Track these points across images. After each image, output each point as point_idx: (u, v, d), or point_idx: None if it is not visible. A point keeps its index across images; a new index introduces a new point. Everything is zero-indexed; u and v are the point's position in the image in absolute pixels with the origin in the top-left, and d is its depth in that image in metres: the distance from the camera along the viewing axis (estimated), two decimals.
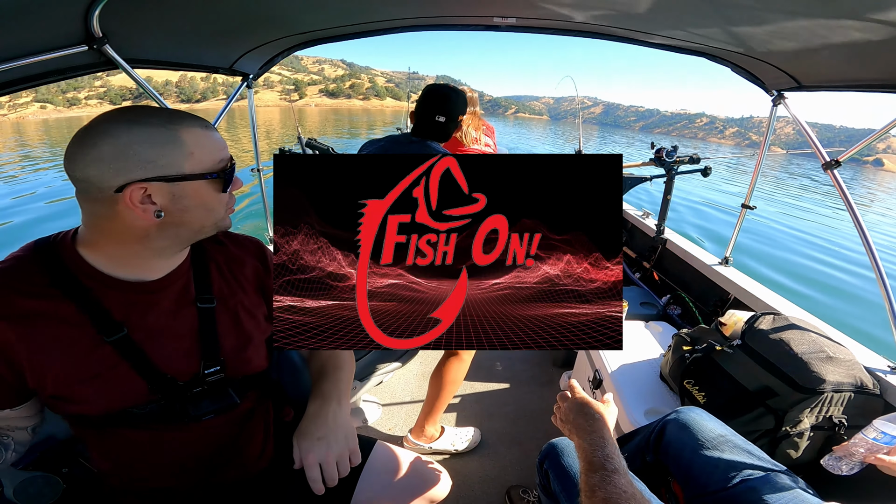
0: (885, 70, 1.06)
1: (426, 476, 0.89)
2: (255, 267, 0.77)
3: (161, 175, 0.56)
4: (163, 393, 0.64)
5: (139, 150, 0.55)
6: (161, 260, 0.64)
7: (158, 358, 0.64)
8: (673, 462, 0.90)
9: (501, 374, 2.01)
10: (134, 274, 0.62)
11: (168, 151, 0.56)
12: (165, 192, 0.57)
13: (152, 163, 0.55)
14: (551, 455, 0.89)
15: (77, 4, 0.79)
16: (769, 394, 1.06)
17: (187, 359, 0.66)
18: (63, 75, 0.95)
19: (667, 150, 2.32)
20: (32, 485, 0.70)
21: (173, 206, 0.58)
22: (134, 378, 0.62)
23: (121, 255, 0.61)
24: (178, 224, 0.60)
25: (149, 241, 0.60)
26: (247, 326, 0.73)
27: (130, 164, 0.54)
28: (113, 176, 0.54)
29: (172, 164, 0.57)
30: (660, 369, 1.42)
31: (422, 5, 1.33)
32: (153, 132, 0.56)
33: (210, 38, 1.25)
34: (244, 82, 1.74)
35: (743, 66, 1.50)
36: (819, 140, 1.45)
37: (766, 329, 1.17)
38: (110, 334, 0.60)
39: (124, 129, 0.55)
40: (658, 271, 2.42)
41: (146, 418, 0.64)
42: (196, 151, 0.59)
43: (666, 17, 1.18)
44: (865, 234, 1.29)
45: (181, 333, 0.66)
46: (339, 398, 0.77)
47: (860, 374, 1.04)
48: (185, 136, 0.58)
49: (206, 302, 0.69)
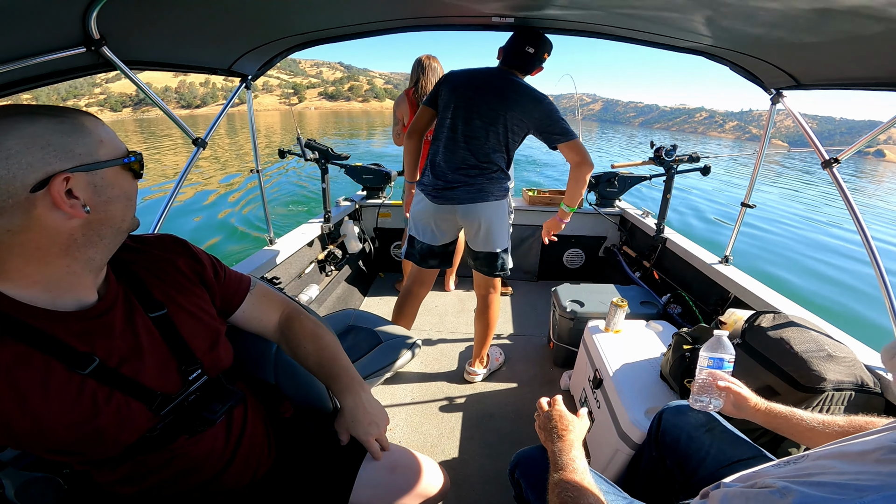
0: (884, 68, 1.06)
1: (423, 472, 0.90)
2: (185, 262, 0.73)
3: (81, 164, 0.51)
4: (164, 410, 0.63)
5: (51, 138, 0.49)
6: (90, 275, 0.58)
7: (143, 377, 0.61)
8: (669, 450, 0.91)
9: (501, 374, 2.01)
10: (73, 297, 0.57)
11: (80, 139, 0.52)
12: (86, 184, 0.52)
13: (69, 151, 0.50)
14: (521, 464, 0.88)
15: (75, 6, 0.80)
16: (770, 392, 1.06)
17: (167, 370, 0.65)
18: (61, 77, 0.95)
19: (666, 149, 2.32)
20: (34, 486, 0.70)
21: (97, 198, 0.53)
22: (133, 404, 0.60)
23: (48, 278, 0.54)
24: (101, 221, 0.54)
25: (76, 251, 0.54)
26: (207, 321, 0.71)
27: (48, 155, 0.48)
28: (27, 171, 0.47)
29: (88, 152, 0.52)
30: (660, 368, 1.42)
31: (420, 5, 1.33)
32: (58, 121, 0.51)
33: (208, 40, 1.25)
34: (243, 83, 1.74)
35: (742, 64, 1.50)
36: (819, 132, 1.48)
37: (767, 327, 1.16)
38: (86, 367, 0.55)
39: (26, 121, 0.48)
40: (658, 270, 2.42)
41: (162, 439, 0.64)
42: (104, 138, 0.55)
43: (665, 16, 1.18)
44: (865, 232, 1.29)
45: (148, 347, 0.63)
46: (361, 384, 0.84)
47: (861, 372, 1.04)
48: (88, 123, 0.54)
49: (157, 309, 0.65)
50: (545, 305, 2.60)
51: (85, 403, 0.56)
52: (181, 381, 0.66)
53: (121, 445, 0.60)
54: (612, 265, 2.87)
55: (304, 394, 0.93)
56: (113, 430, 0.58)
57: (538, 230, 2.92)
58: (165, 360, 0.65)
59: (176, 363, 0.66)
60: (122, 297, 0.63)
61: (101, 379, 0.57)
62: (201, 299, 0.72)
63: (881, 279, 1.23)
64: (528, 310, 2.63)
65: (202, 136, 1.55)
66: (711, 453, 0.86)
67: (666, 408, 0.97)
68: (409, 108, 2.25)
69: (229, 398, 0.71)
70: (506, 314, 2.57)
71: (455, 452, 1.54)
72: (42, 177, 0.48)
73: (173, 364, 0.65)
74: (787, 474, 0.50)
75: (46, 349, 0.53)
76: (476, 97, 1.49)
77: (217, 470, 0.72)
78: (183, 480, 0.69)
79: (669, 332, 1.66)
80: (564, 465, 0.71)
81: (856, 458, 0.47)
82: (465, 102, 1.50)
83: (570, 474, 0.69)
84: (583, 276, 3.05)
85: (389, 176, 2.79)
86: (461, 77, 1.54)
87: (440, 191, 1.56)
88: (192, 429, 0.67)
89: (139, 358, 0.62)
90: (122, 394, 0.59)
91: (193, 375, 0.67)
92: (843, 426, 0.74)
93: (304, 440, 0.88)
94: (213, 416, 0.67)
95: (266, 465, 0.81)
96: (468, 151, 1.52)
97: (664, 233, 2.40)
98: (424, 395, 1.85)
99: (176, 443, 0.66)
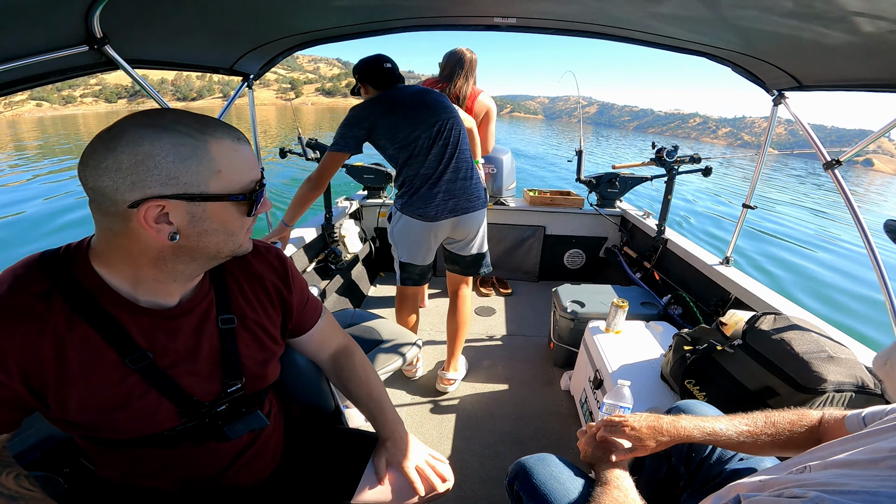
0: (886, 69, 1.06)
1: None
2: (274, 284, 0.74)
3: (182, 193, 0.50)
4: (191, 415, 0.64)
5: (162, 162, 0.49)
6: (176, 284, 0.60)
7: (185, 382, 0.62)
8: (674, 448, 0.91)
9: (501, 375, 2.01)
10: (154, 299, 0.59)
11: (193, 166, 0.51)
12: (184, 212, 0.51)
13: (174, 178, 0.50)
14: (521, 475, 0.83)
15: (78, 5, 0.80)
16: (770, 393, 1.06)
17: (211, 379, 0.65)
18: (64, 75, 0.95)
19: (667, 150, 2.32)
20: None
21: (191, 228, 0.53)
22: (164, 404, 0.60)
23: (137, 277, 0.56)
24: (193, 248, 0.55)
25: (164, 265, 0.55)
26: (266, 344, 0.72)
27: (150, 178, 0.49)
28: (129, 189, 0.48)
29: (197, 182, 0.51)
30: (661, 369, 1.42)
31: (422, 5, 1.33)
32: (180, 142, 0.50)
33: (211, 39, 1.25)
34: (244, 82, 1.74)
35: (743, 65, 1.50)
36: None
37: (767, 329, 1.16)
38: (137, 363, 0.57)
39: (149, 135, 0.49)
40: (659, 271, 2.42)
41: (176, 439, 0.64)
42: (225, 169, 0.53)
43: (666, 17, 1.18)
44: (866, 233, 1.29)
45: (205, 355, 0.64)
46: (401, 422, 0.90)
47: (861, 373, 1.04)
48: (215, 149, 0.52)
49: (227, 322, 0.66)
50: (545, 306, 2.60)
51: (119, 394, 0.57)
52: (220, 391, 0.66)
53: (132, 435, 0.61)
54: (612, 266, 2.87)
55: (308, 395, 0.94)
56: (132, 422, 0.59)
57: (538, 230, 2.92)
58: (213, 371, 0.65)
59: (222, 375, 0.66)
60: (203, 306, 0.64)
61: (145, 375, 0.58)
62: (272, 322, 0.73)
63: (881, 279, 1.23)
64: (528, 310, 2.63)
65: None
66: (717, 449, 0.85)
67: (671, 409, 0.97)
68: None
69: (253, 422, 0.71)
70: (506, 314, 2.57)
71: (455, 453, 1.54)
72: (139, 197, 0.49)
73: (219, 375, 0.66)
74: (808, 483, 0.51)
75: (109, 337, 0.55)
76: (420, 114, 1.49)
77: (224, 467, 0.72)
78: (187, 475, 0.70)
79: (670, 332, 1.66)
80: (608, 480, 0.73)
81: (868, 465, 0.48)
82: (418, 120, 1.49)
83: (614, 490, 0.71)
84: (583, 277, 3.05)
85: (390, 176, 2.78)
86: (392, 101, 1.50)
87: (438, 206, 1.54)
88: (204, 438, 0.67)
89: (191, 363, 0.62)
90: (158, 393, 0.60)
91: (233, 388, 0.67)
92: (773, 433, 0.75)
93: (310, 440, 0.89)
94: (231, 436, 0.68)
95: (273, 464, 0.81)
96: (455, 162, 1.53)
97: (665, 234, 2.40)
98: (425, 394, 1.85)
99: (187, 446, 0.66)
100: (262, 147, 2.87)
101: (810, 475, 0.54)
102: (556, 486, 0.77)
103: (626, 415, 0.83)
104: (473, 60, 2.02)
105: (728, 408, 1.06)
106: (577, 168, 2.84)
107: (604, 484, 0.73)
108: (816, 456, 0.59)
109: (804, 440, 0.74)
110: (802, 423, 0.75)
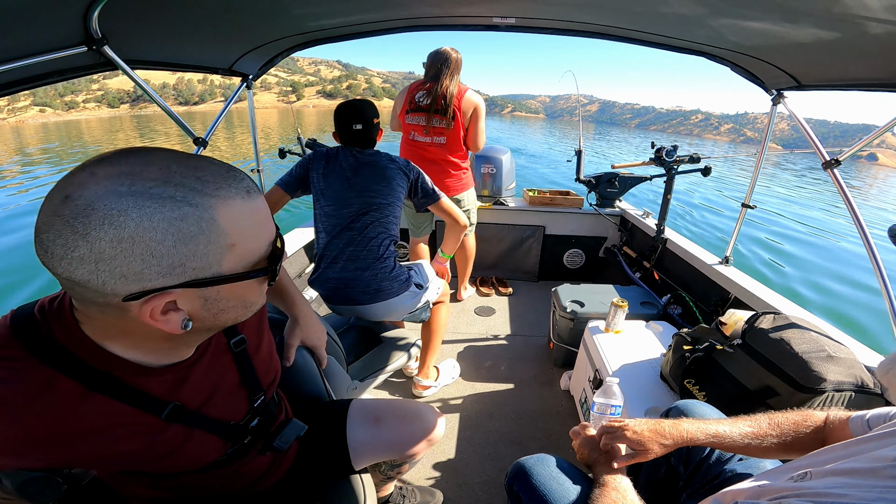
0: (885, 69, 1.06)
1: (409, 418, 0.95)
2: None
3: (191, 280, 0.40)
4: (235, 439, 0.65)
5: (158, 248, 0.37)
6: (188, 348, 0.56)
7: (219, 413, 0.62)
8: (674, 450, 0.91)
9: (501, 374, 2.01)
10: (168, 359, 0.54)
11: (202, 247, 0.40)
12: (195, 297, 0.43)
13: (180, 266, 0.39)
14: (520, 476, 0.83)
15: (76, 5, 0.80)
16: (770, 393, 1.06)
17: (237, 401, 0.66)
18: (63, 76, 0.95)
19: (667, 150, 2.32)
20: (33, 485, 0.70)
21: (205, 311, 0.45)
22: (208, 438, 0.61)
23: (148, 350, 0.51)
24: (209, 327, 0.49)
25: (177, 340, 0.50)
26: (267, 345, 0.73)
27: (147, 269, 0.38)
28: (119, 282, 0.38)
29: (208, 264, 0.41)
30: (660, 369, 1.42)
31: (421, 5, 1.33)
32: (179, 217, 0.38)
33: (209, 39, 1.25)
34: (243, 83, 1.74)
35: (742, 65, 1.50)
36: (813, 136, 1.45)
37: (767, 328, 1.16)
38: (172, 416, 0.55)
39: (132, 210, 0.36)
40: (658, 271, 2.42)
41: (226, 462, 0.65)
42: (239, 241, 0.42)
43: (666, 16, 1.18)
44: (865, 232, 1.29)
45: (228, 383, 0.64)
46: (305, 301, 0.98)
47: (861, 373, 1.04)
48: (224, 217, 0.41)
49: (239, 344, 0.65)
50: (545, 306, 2.60)
51: (168, 444, 0.57)
52: (248, 408, 0.67)
53: (189, 468, 0.62)
54: (612, 265, 2.87)
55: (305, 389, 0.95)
56: (188, 462, 0.60)
57: (538, 230, 2.92)
58: (238, 392, 0.66)
59: (246, 392, 0.67)
60: (213, 343, 0.61)
61: (183, 422, 0.57)
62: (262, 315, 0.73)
63: (881, 279, 1.23)
64: (528, 310, 2.63)
65: (203, 136, 1.56)
66: (715, 450, 0.85)
67: (671, 408, 0.97)
68: (405, 103, 2.10)
69: (295, 430, 0.74)
70: (506, 314, 2.57)
71: (454, 453, 1.54)
72: (136, 290, 0.39)
73: (244, 394, 0.66)
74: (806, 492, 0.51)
75: (138, 403, 0.52)
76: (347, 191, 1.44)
77: (256, 478, 0.74)
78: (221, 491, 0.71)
79: (670, 332, 1.66)
80: (606, 481, 0.74)
81: (868, 474, 0.48)
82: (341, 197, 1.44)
83: (612, 491, 0.72)
84: (583, 277, 3.05)
85: None
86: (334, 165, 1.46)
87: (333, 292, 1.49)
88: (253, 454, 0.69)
89: (217, 394, 0.62)
90: (202, 431, 0.60)
91: (258, 402, 0.68)
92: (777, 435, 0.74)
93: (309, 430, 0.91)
94: (284, 446, 0.71)
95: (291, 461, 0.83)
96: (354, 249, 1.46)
97: (664, 233, 2.40)
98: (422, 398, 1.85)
99: (235, 464, 0.68)
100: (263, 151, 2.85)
101: (808, 483, 0.54)
102: (555, 487, 0.77)
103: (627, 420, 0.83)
104: (459, 60, 2.01)
105: (727, 407, 1.07)
106: (577, 168, 2.85)
107: (602, 485, 0.73)
108: (818, 460, 0.59)
109: (809, 441, 0.73)
110: (807, 424, 0.74)
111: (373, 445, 0.90)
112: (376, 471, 1.06)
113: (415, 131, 2.11)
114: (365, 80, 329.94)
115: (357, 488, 0.89)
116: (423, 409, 0.98)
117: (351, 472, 0.90)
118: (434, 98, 2.00)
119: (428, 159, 2.12)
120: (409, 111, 2.09)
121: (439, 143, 2.09)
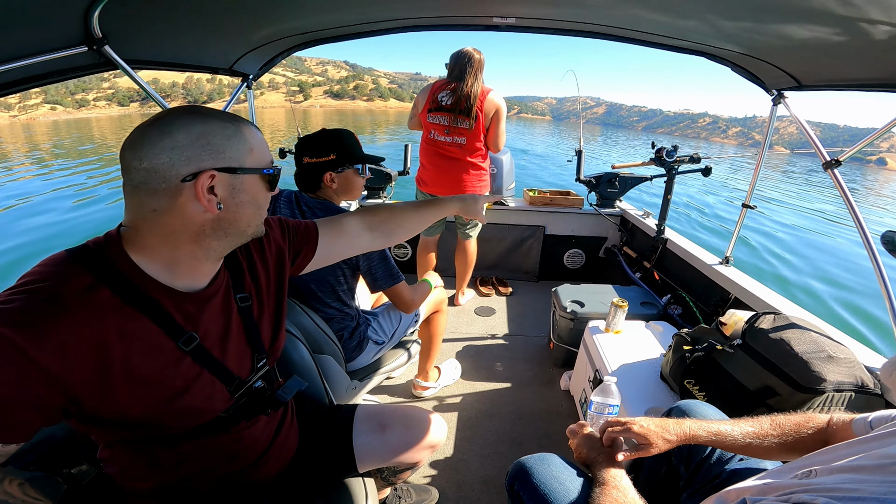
0: (885, 69, 1.06)
1: (414, 424, 0.97)
2: (277, 245, 0.80)
3: (228, 166, 0.58)
4: (238, 393, 0.68)
5: (213, 139, 0.57)
6: (209, 263, 0.64)
7: (227, 360, 0.66)
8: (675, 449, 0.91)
9: (501, 374, 2.01)
10: (187, 282, 0.62)
11: (234, 144, 0.59)
12: (227, 184, 0.58)
13: (223, 154, 0.57)
14: (521, 475, 0.82)
15: (77, 5, 0.80)
16: (770, 393, 1.06)
17: (244, 356, 0.70)
18: (64, 76, 0.95)
19: (667, 150, 2.32)
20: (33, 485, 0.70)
21: (231, 199, 0.59)
22: (216, 384, 0.64)
23: (175, 259, 0.59)
24: (230, 221, 0.60)
25: (202, 240, 0.59)
26: (274, 313, 0.77)
27: (204, 153, 0.56)
28: (184, 164, 0.54)
29: (238, 157, 0.59)
30: (660, 369, 1.42)
31: (422, 5, 1.33)
32: (223, 125, 0.58)
33: (210, 39, 1.25)
34: (244, 83, 1.74)
35: (743, 65, 1.50)
36: (823, 139, 1.45)
37: (767, 329, 1.16)
38: (188, 345, 0.60)
39: (198, 120, 0.57)
40: (658, 271, 2.42)
41: (230, 422, 0.68)
42: (255, 148, 0.61)
43: (666, 16, 1.18)
44: (866, 233, 1.29)
45: (234, 333, 0.68)
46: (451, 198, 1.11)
47: (861, 373, 1.04)
48: (246, 132, 0.61)
49: (244, 300, 0.71)
50: (545, 306, 2.60)
51: (180, 378, 0.60)
52: (252, 367, 0.71)
53: (197, 422, 0.64)
54: (612, 266, 2.87)
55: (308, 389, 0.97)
56: (197, 407, 0.62)
57: (538, 230, 2.92)
58: (243, 347, 0.70)
59: (251, 351, 0.71)
60: (224, 286, 0.68)
61: (196, 357, 0.62)
62: (275, 285, 0.78)
63: (881, 280, 1.23)
64: (528, 310, 2.63)
65: None
66: (716, 449, 0.85)
67: (673, 408, 0.97)
68: (427, 101, 2.10)
69: (295, 385, 0.78)
70: (506, 314, 2.57)
71: (454, 452, 1.54)
72: (194, 170, 0.55)
73: (248, 352, 0.71)
74: (816, 488, 0.50)
75: (162, 324, 0.58)
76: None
77: (256, 458, 0.75)
78: (222, 468, 0.72)
79: (670, 332, 1.66)
80: (606, 480, 0.74)
81: (876, 471, 0.48)
82: None
83: (613, 490, 0.71)
84: (583, 277, 3.05)
85: (390, 176, 2.79)
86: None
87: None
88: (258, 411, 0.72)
89: (227, 341, 0.67)
90: (210, 374, 0.64)
91: (261, 364, 0.73)
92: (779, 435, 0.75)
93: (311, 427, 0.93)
94: (284, 398, 0.74)
95: (291, 454, 0.85)
96: None
97: (665, 233, 2.40)
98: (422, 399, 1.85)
99: (238, 426, 0.70)
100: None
101: (817, 480, 0.53)
102: (556, 486, 0.77)
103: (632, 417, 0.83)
104: (482, 60, 2.03)
105: (728, 407, 1.07)
106: (577, 168, 2.85)
107: (602, 484, 0.73)
108: (821, 460, 0.59)
109: (811, 442, 0.73)
110: (809, 425, 0.74)
111: (379, 451, 0.93)
112: (378, 476, 1.08)
113: (435, 130, 2.12)
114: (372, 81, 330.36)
115: (359, 490, 0.90)
116: (429, 417, 1.00)
117: (354, 474, 0.92)
118: (458, 98, 2.00)
119: (447, 157, 2.14)
120: (430, 110, 2.09)
121: (459, 143, 2.10)
